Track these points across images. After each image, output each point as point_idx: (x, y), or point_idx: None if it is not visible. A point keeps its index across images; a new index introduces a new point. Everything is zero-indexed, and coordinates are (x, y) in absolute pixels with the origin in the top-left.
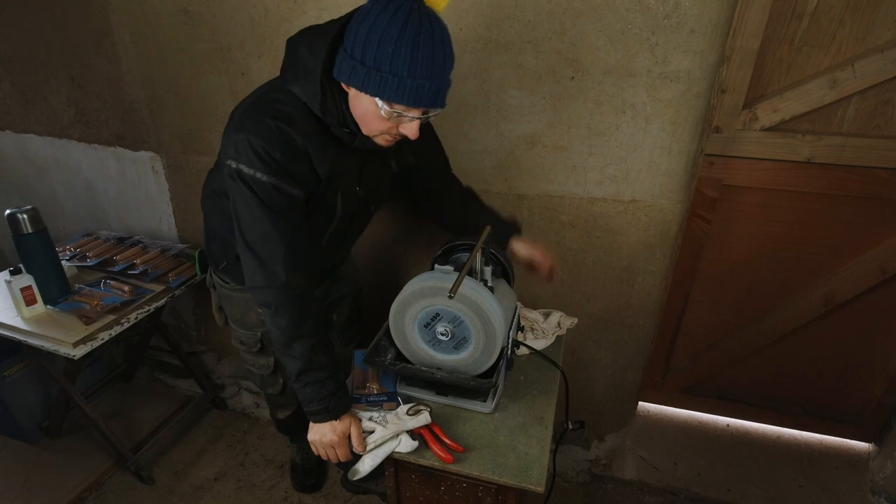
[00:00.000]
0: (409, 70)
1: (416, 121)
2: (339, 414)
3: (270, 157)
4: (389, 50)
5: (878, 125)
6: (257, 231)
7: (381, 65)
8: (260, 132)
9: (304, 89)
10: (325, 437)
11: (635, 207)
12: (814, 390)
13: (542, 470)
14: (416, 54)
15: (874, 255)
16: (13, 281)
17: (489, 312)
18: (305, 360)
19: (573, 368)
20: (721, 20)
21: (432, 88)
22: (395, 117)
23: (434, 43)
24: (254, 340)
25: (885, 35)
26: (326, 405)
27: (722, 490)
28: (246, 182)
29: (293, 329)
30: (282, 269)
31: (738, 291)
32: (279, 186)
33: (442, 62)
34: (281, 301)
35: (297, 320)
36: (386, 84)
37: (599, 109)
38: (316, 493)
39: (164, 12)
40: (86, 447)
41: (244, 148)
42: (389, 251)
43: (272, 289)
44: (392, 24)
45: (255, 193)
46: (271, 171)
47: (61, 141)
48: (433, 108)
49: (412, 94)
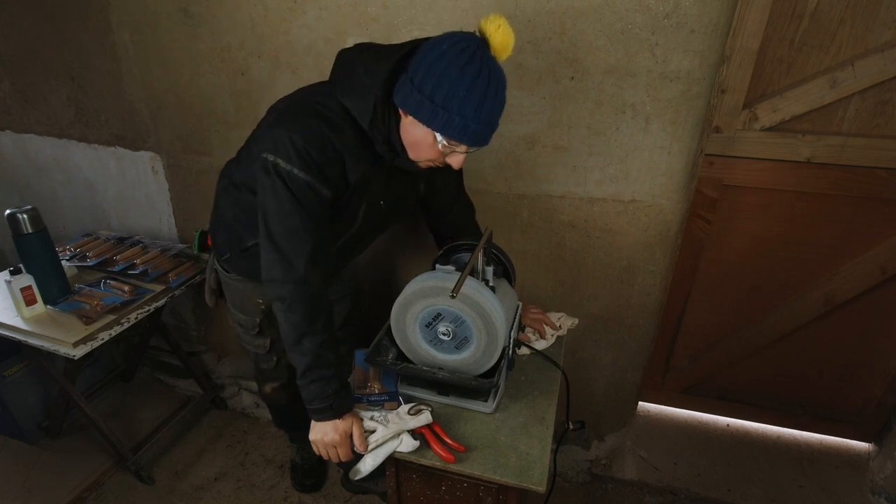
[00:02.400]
0: (474, 115)
1: (461, 154)
2: (343, 413)
3: (308, 155)
4: (461, 94)
5: (878, 125)
6: (284, 226)
7: (450, 106)
8: (301, 130)
9: (356, 105)
10: (328, 436)
11: (635, 207)
12: (814, 390)
13: (543, 470)
14: (485, 102)
15: (874, 255)
16: (13, 281)
17: (491, 312)
18: (314, 356)
19: (573, 368)
20: (721, 20)
21: (489, 131)
22: (444, 147)
23: (498, 93)
24: (252, 325)
25: (885, 35)
26: (330, 403)
27: (722, 490)
28: (281, 176)
29: (305, 325)
30: (303, 265)
31: (738, 291)
32: (313, 185)
33: (500, 110)
34: (296, 297)
35: (310, 317)
36: (452, 124)
37: (599, 109)
38: (316, 493)
39: (164, 12)
40: (86, 447)
41: (284, 143)
42: (390, 251)
43: (289, 283)
44: (466, 70)
45: (289, 188)
46: (308, 169)
47: (61, 141)
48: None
49: (473, 136)
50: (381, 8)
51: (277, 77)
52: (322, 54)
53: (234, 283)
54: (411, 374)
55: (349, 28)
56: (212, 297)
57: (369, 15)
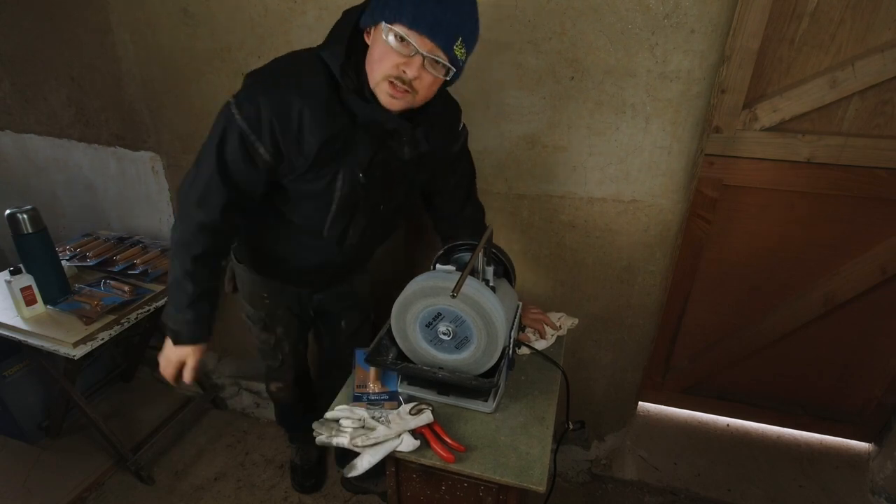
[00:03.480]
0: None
1: (417, 56)
2: (181, 340)
3: (258, 112)
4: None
5: (878, 125)
6: (203, 155)
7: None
8: (263, 87)
9: (331, 51)
10: (170, 356)
11: (635, 207)
12: (814, 390)
13: (543, 470)
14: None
15: (874, 255)
16: (13, 281)
17: (491, 312)
18: (175, 277)
19: (573, 368)
20: (721, 20)
21: (436, 12)
22: (399, 45)
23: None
24: (258, 318)
25: (885, 35)
26: (173, 327)
27: (722, 490)
28: (226, 115)
29: (176, 248)
30: (196, 196)
31: (738, 291)
32: (247, 137)
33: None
34: (181, 218)
35: (184, 241)
36: (388, 4)
37: (599, 109)
38: (316, 493)
39: (164, 12)
40: (86, 447)
41: (246, 90)
42: (392, 251)
43: (184, 205)
44: None
45: (225, 124)
46: (249, 123)
47: (61, 141)
48: (437, 43)
49: (412, 10)
50: None
51: None
52: None
53: (241, 272)
54: (411, 373)
55: None
56: (229, 284)
57: None
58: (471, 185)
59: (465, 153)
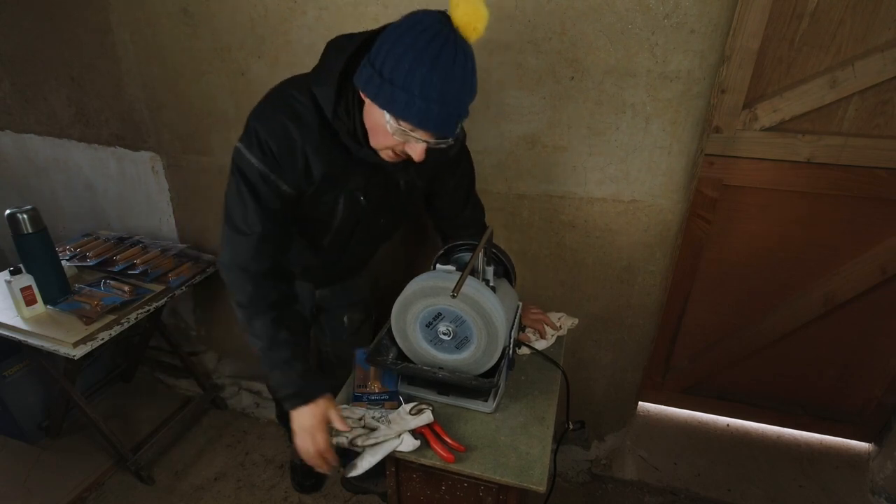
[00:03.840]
0: (420, 89)
1: (421, 143)
2: (313, 396)
3: (268, 148)
4: (406, 65)
5: (878, 125)
6: (237, 210)
7: (396, 79)
8: (265, 122)
9: (322, 92)
10: (305, 423)
11: (635, 207)
12: (814, 390)
13: (543, 470)
14: (432, 75)
15: (874, 255)
16: (13, 281)
17: (491, 312)
18: (267, 337)
19: (573, 368)
20: (721, 20)
21: (442, 113)
22: (401, 133)
23: (454, 67)
24: None
25: (885, 35)
26: (297, 389)
27: (722, 490)
28: (240, 164)
29: (252, 308)
30: (248, 252)
31: (738, 291)
32: (267, 175)
33: (458, 89)
34: (240, 282)
35: (256, 297)
36: (395, 99)
37: (599, 109)
38: (316, 493)
39: (164, 12)
40: (86, 447)
41: (249, 132)
42: (392, 251)
43: (234, 267)
44: (417, 41)
45: (246, 175)
46: (263, 159)
47: (61, 141)
48: (441, 134)
49: (419, 115)
50: (381, 8)
51: (277, 77)
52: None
53: None
54: (412, 373)
55: (349, 28)
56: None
57: (369, 15)
58: (470, 186)
59: (463, 154)
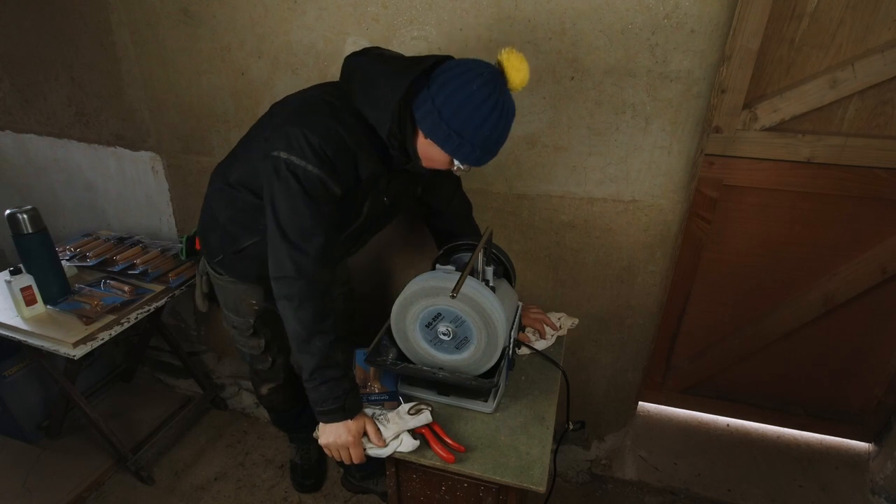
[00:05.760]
0: (483, 145)
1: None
2: (354, 413)
3: (324, 152)
4: (476, 123)
5: (878, 125)
6: (297, 222)
7: (465, 133)
8: (317, 129)
9: (375, 114)
10: (341, 437)
11: (635, 207)
12: (814, 390)
13: (543, 470)
14: (494, 134)
15: (874, 255)
16: (13, 281)
17: (491, 312)
18: (322, 356)
19: (573, 369)
20: (721, 20)
21: (484, 157)
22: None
23: (507, 127)
24: (246, 326)
25: (885, 35)
26: (342, 404)
27: (722, 490)
28: (295, 174)
29: (316, 324)
30: (314, 262)
31: (738, 291)
32: (325, 181)
33: (500, 137)
34: (307, 294)
35: (321, 316)
36: (462, 149)
37: (599, 109)
38: (316, 493)
39: (164, 12)
40: (86, 447)
41: (298, 141)
42: (385, 252)
43: (301, 280)
44: (485, 103)
45: (302, 185)
46: (322, 165)
47: (61, 141)
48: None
49: (466, 156)
50: (381, 8)
51: (277, 77)
52: (322, 54)
53: (227, 285)
54: (411, 374)
55: (349, 28)
56: (204, 303)
57: (369, 15)
58: (458, 179)
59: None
